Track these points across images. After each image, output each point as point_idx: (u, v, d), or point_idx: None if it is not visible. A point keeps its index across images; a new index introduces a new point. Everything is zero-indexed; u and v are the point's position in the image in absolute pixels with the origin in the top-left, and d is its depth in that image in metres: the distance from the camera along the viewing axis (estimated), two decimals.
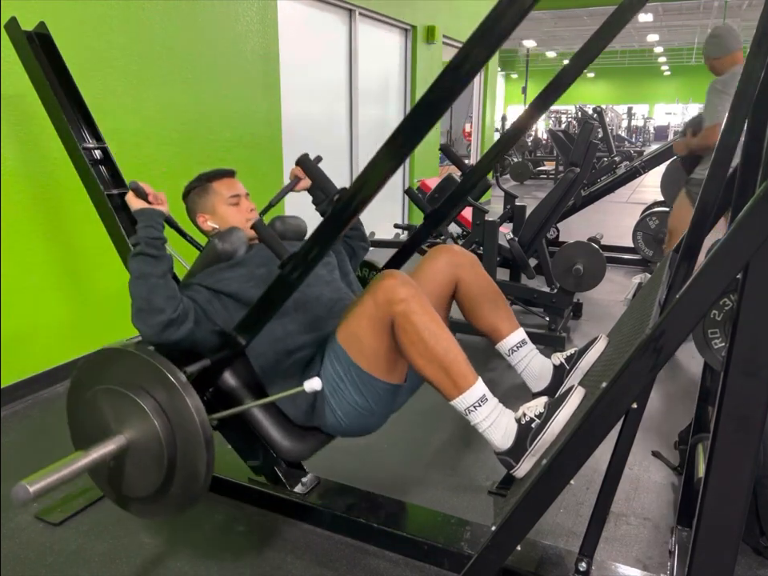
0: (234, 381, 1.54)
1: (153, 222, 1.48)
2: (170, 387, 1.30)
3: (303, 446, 1.55)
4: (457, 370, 1.29)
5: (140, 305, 1.39)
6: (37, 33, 1.85)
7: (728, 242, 0.76)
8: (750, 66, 1.28)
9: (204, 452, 1.30)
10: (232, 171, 1.74)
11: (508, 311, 1.61)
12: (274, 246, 1.27)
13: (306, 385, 1.26)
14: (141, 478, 1.37)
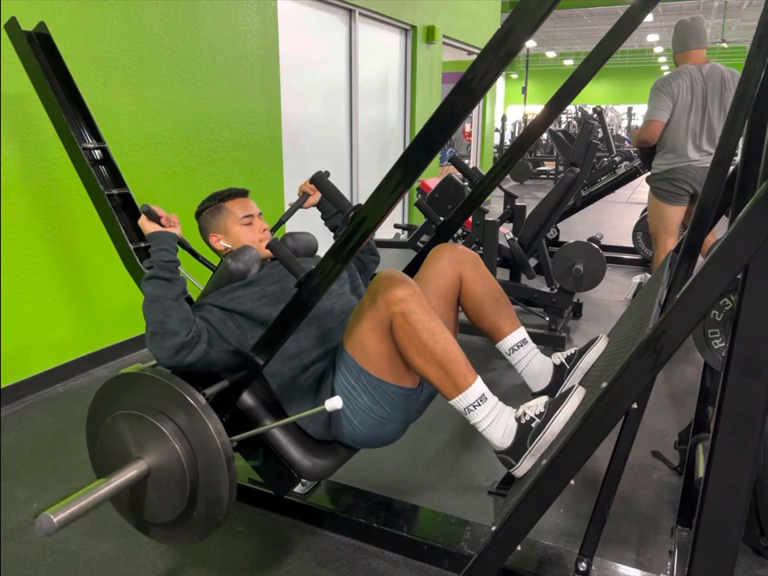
0: (252, 400, 1.52)
1: (166, 245, 1.47)
2: (190, 410, 1.29)
3: (324, 462, 1.51)
4: (456, 369, 1.29)
5: (155, 328, 1.37)
6: (37, 33, 1.85)
7: (728, 241, 0.76)
8: (750, 65, 1.28)
9: (226, 475, 1.28)
10: (245, 191, 1.74)
11: (510, 310, 1.61)
12: (290, 264, 1.27)
13: (327, 404, 1.25)
14: (163, 503, 1.35)
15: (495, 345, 1.61)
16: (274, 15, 3.79)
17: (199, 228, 1.73)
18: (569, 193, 3.24)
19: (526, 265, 3.27)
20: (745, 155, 1.33)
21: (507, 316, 1.59)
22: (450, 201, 3.26)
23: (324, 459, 1.51)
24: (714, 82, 3.04)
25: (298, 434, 1.51)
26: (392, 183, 1.04)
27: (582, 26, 16.56)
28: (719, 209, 1.43)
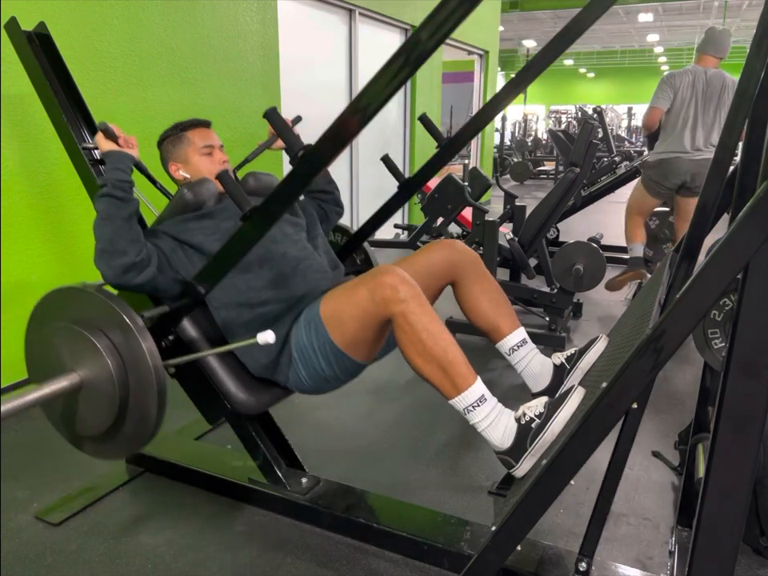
0: (195, 332, 1.57)
1: (121, 165, 1.49)
2: (126, 329, 1.33)
3: (258, 398, 1.59)
4: (456, 370, 1.29)
5: (103, 246, 1.41)
6: (37, 33, 1.85)
7: (728, 241, 0.76)
8: (750, 65, 1.28)
9: (156, 395, 1.33)
10: (208, 122, 1.75)
11: (509, 310, 1.60)
12: (237, 197, 1.28)
13: (258, 337, 1.28)
14: (93, 417, 1.41)
15: (495, 345, 1.61)
16: (273, 15, 3.79)
17: (160, 157, 1.75)
18: (569, 193, 3.24)
19: (526, 265, 3.27)
20: (745, 155, 1.33)
21: (507, 316, 1.59)
22: (449, 201, 3.25)
23: (258, 394, 1.59)
24: (714, 84, 3.26)
25: (237, 369, 1.58)
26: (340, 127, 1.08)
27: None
28: (719, 209, 1.43)
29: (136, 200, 1.50)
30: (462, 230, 4.12)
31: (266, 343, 1.28)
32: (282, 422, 1.84)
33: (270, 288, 1.55)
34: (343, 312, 1.41)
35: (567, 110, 17.64)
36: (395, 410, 2.42)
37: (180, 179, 1.71)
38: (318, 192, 1.97)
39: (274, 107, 1.37)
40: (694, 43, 19.17)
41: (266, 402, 1.61)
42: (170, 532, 1.70)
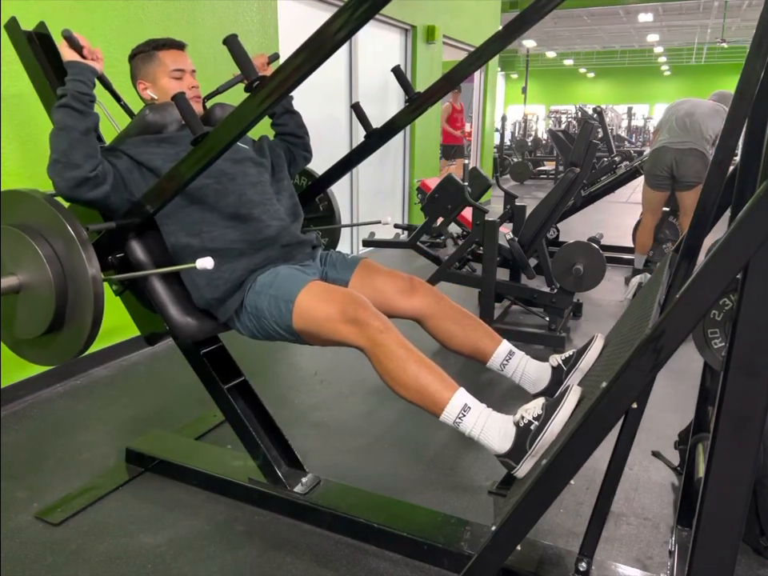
0: (144, 255, 1.60)
1: (83, 77, 1.47)
2: (68, 238, 1.34)
3: (197, 326, 1.62)
4: (431, 390, 1.31)
5: (57, 156, 1.40)
6: (37, 33, 1.84)
7: (728, 241, 0.76)
8: (750, 66, 1.28)
9: (92, 305, 1.36)
10: (182, 44, 1.74)
11: (485, 329, 1.61)
12: (190, 121, 1.29)
13: (198, 262, 1.31)
14: (30, 321, 1.44)
15: (485, 366, 1.60)
16: (273, 15, 3.79)
17: (130, 72, 1.73)
18: (569, 193, 3.24)
19: (526, 265, 3.27)
20: (745, 155, 1.33)
21: (484, 336, 1.59)
22: (449, 201, 3.25)
23: (198, 322, 1.62)
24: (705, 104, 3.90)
25: (180, 296, 1.61)
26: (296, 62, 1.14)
27: (582, 25, 16.55)
28: (719, 209, 1.43)
29: (96, 114, 1.47)
30: (462, 230, 4.12)
31: (203, 269, 1.31)
32: (282, 422, 1.84)
33: (223, 226, 1.57)
34: (315, 318, 1.44)
35: (567, 110, 17.64)
36: (395, 410, 2.42)
37: (147, 98, 1.70)
38: (288, 135, 1.98)
39: (235, 34, 1.33)
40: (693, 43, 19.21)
41: (207, 330, 1.65)
42: (170, 532, 1.70)
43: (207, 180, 1.57)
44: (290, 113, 2.02)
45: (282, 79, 1.14)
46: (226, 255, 1.55)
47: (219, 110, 1.78)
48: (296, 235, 1.68)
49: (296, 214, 1.79)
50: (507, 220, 3.67)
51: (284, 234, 1.63)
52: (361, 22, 1.04)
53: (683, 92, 25.02)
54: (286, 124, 1.98)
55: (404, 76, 1.90)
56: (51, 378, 2.65)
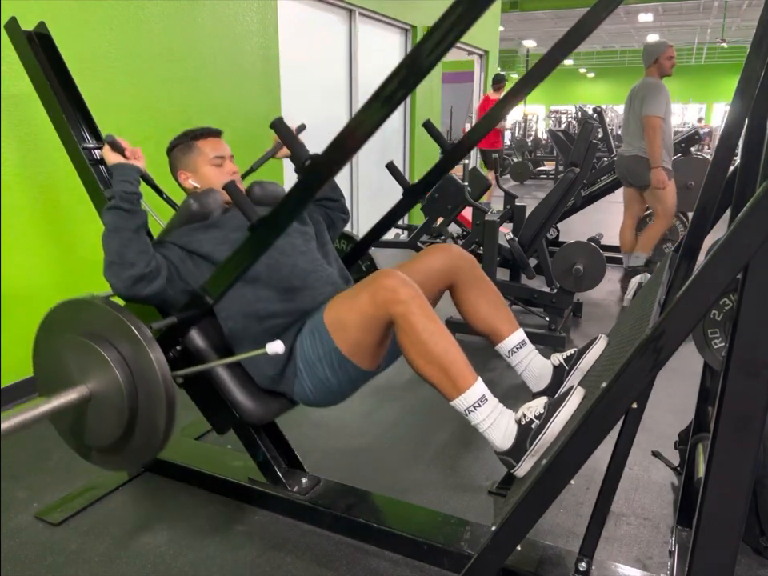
0: (203, 342, 1.57)
1: (129, 177, 1.48)
2: (135, 341, 1.32)
3: (265, 408, 1.58)
4: (456, 370, 1.29)
5: (112, 258, 1.40)
6: (37, 33, 1.85)
7: (728, 241, 0.76)
8: (750, 66, 1.28)
9: (164, 406, 1.32)
10: (218, 131, 1.75)
11: (507, 312, 1.61)
12: (244, 207, 1.28)
13: (268, 347, 1.28)
14: (102, 429, 1.40)
15: (494, 347, 1.61)
16: (273, 15, 3.79)
17: (169, 164, 1.73)
18: (569, 193, 3.24)
19: (526, 265, 3.27)
20: (745, 155, 1.33)
21: (505, 318, 1.59)
22: (449, 201, 3.25)
23: (265, 404, 1.59)
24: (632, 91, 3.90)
25: (244, 379, 1.57)
26: (347, 135, 1.09)
27: None
28: (719, 209, 1.43)
29: (144, 212, 1.49)
30: (462, 230, 4.12)
31: (275, 354, 1.27)
32: (282, 422, 1.84)
33: (278, 300, 1.54)
34: (346, 317, 1.40)
35: (567, 110, 17.64)
36: (395, 410, 2.42)
37: (189, 188, 1.70)
38: (324, 199, 1.96)
39: (281, 117, 1.37)
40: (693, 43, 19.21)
41: (274, 411, 1.60)
42: (169, 532, 1.70)
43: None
44: None
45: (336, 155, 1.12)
46: (284, 328, 1.53)
47: (258, 188, 1.77)
48: None
49: (345, 277, 1.76)
50: (507, 220, 3.67)
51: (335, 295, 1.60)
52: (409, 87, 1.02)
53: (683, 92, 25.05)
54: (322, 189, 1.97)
55: (435, 130, 1.89)
56: None
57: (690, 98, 23.91)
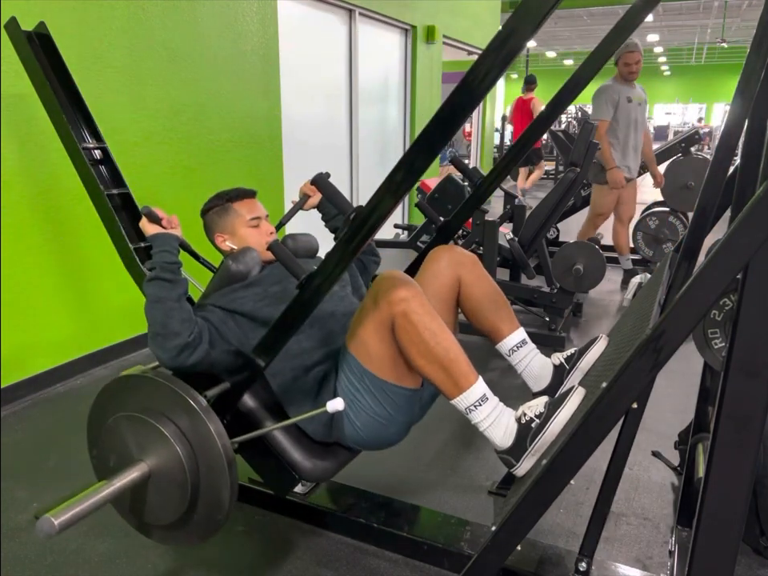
0: (253, 402, 1.51)
1: (168, 247, 1.46)
2: (191, 412, 1.28)
3: (325, 464, 1.51)
4: (457, 369, 1.29)
5: (156, 329, 1.38)
6: (37, 33, 1.85)
7: (728, 241, 0.76)
8: (750, 65, 1.28)
9: (227, 477, 1.28)
10: (253, 192, 1.73)
11: (509, 311, 1.60)
12: (291, 266, 1.27)
13: (328, 405, 1.25)
14: (164, 505, 1.35)
15: (495, 346, 1.61)
16: (274, 15, 3.79)
17: (204, 227, 1.72)
18: (569, 193, 3.24)
19: (526, 265, 3.27)
20: (745, 155, 1.33)
21: (506, 317, 1.58)
22: (450, 201, 3.26)
23: (324, 461, 1.51)
24: None
25: (299, 435, 1.50)
26: (393, 184, 1.04)
27: (582, 25, 16.55)
28: (719, 209, 1.43)
29: (185, 280, 1.47)
30: (462, 230, 4.12)
31: (335, 411, 1.25)
32: None
33: (320, 347, 1.53)
34: (362, 333, 1.39)
35: (567, 110, 17.63)
36: None
37: (226, 250, 1.69)
38: None
39: (323, 173, 1.37)
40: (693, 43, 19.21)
41: (333, 466, 1.53)
42: None
43: None
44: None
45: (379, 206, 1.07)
46: (328, 373, 1.51)
47: (291, 241, 1.76)
48: None
49: None
50: (507, 220, 3.67)
51: None
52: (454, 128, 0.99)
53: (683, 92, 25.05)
54: None
55: (464, 165, 1.89)
56: (51, 378, 2.65)
57: (690, 98, 23.93)
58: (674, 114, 25.29)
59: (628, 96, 3.79)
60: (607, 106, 3.75)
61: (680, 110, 24.91)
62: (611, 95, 3.76)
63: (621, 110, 3.77)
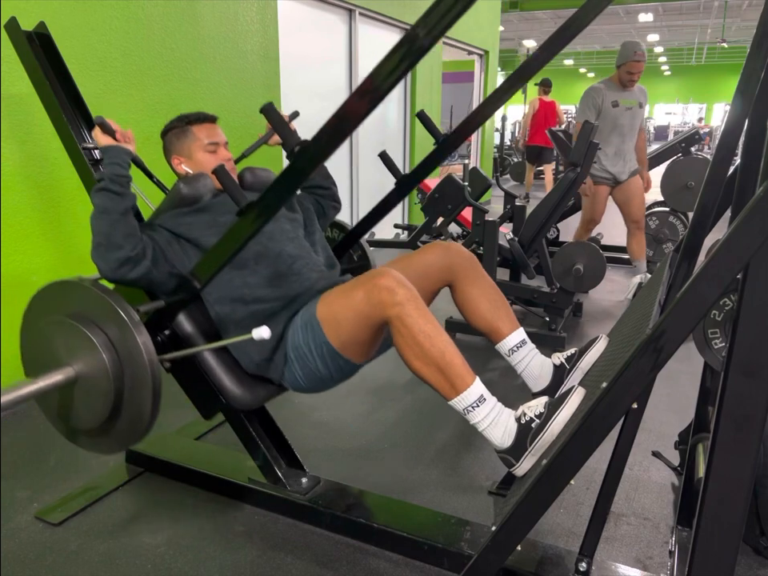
0: (190, 326, 1.57)
1: (119, 160, 1.49)
2: (121, 323, 1.32)
3: (253, 394, 1.59)
4: (454, 371, 1.29)
5: (99, 240, 1.41)
6: (37, 33, 1.84)
7: (728, 241, 0.76)
8: (750, 65, 1.28)
9: (151, 390, 1.32)
10: (214, 117, 1.74)
11: (508, 311, 1.60)
12: (233, 192, 1.29)
13: (254, 332, 1.28)
14: (88, 411, 1.40)
15: (494, 346, 1.61)
16: (273, 15, 3.79)
17: (163, 148, 1.73)
18: (569, 193, 3.24)
19: (526, 265, 3.27)
20: (745, 155, 1.33)
21: (505, 317, 1.58)
22: (450, 201, 3.26)
23: (253, 391, 1.59)
24: None
25: (232, 365, 1.58)
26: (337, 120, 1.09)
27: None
28: (719, 209, 1.43)
29: (133, 194, 1.49)
30: (462, 230, 4.12)
31: (260, 339, 1.29)
32: (281, 422, 1.84)
33: (265, 285, 1.56)
34: (340, 314, 1.41)
35: (567, 110, 17.62)
36: (395, 410, 2.42)
37: (182, 173, 1.70)
38: (315, 187, 1.97)
39: (271, 103, 1.36)
40: (694, 43, 19.21)
41: (262, 397, 1.62)
42: (169, 532, 1.70)
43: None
44: None
45: (324, 142, 1.11)
46: (270, 313, 1.53)
47: (249, 174, 1.77)
48: (333, 280, 1.65)
49: (332, 264, 1.77)
50: (507, 220, 3.67)
51: (320, 281, 1.61)
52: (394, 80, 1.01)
53: (683, 92, 25.06)
54: (313, 177, 1.97)
55: (430, 120, 1.89)
56: None
57: (690, 98, 23.93)
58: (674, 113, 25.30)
59: (614, 100, 3.68)
60: (589, 110, 3.68)
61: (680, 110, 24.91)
62: (595, 99, 3.68)
63: (605, 115, 3.67)
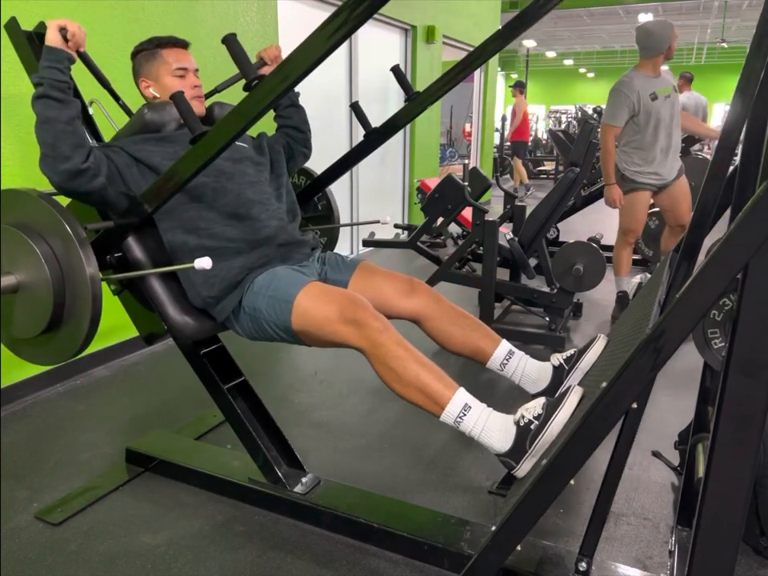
0: (141, 253, 1.60)
1: (60, 65, 1.42)
2: (66, 238, 1.34)
3: (196, 325, 1.62)
4: (432, 389, 1.31)
5: (45, 150, 1.39)
6: (37, 33, 1.84)
7: (728, 241, 0.76)
8: (750, 65, 1.28)
9: (90, 305, 1.35)
10: (185, 42, 1.72)
11: (485, 330, 1.61)
12: (189, 120, 1.29)
13: (196, 262, 1.31)
14: (27, 320, 1.44)
15: (485, 366, 1.60)
16: (273, 15, 3.79)
17: (132, 69, 1.72)
18: (569, 193, 3.24)
19: (526, 265, 3.27)
20: (745, 155, 1.33)
21: (483, 336, 1.59)
22: (449, 201, 3.25)
23: (196, 322, 1.63)
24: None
25: (178, 295, 1.62)
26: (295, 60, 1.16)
27: (581, 25, 16.54)
28: (719, 209, 1.43)
29: (77, 101, 1.44)
30: (462, 230, 4.12)
31: (201, 269, 1.31)
32: (281, 422, 1.84)
33: (222, 223, 1.58)
34: (313, 315, 1.44)
35: (567, 110, 17.64)
36: (395, 410, 2.42)
37: (149, 96, 1.70)
38: (290, 128, 1.97)
39: (233, 34, 1.33)
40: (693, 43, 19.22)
41: (205, 330, 1.65)
42: (169, 532, 1.70)
43: (206, 178, 1.57)
44: (296, 106, 2.01)
45: (281, 78, 1.14)
46: (223, 253, 1.56)
47: (218, 108, 1.78)
48: (293, 235, 1.68)
49: (294, 212, 1.80)
50: (507, 220, 3.67)
51: (281, 234, 1.64)
52: (360, 20, 1.05)
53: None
54: (290, 117, 1.98)
55: (403, 75, 1.90)
56: (51, 377, 2.65)
57: None
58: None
59: (652, 93, 3.15)
60: (621, 111, 3.18)
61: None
62: (628, 98, 3.15)
63: (644, 112, 3.18)
